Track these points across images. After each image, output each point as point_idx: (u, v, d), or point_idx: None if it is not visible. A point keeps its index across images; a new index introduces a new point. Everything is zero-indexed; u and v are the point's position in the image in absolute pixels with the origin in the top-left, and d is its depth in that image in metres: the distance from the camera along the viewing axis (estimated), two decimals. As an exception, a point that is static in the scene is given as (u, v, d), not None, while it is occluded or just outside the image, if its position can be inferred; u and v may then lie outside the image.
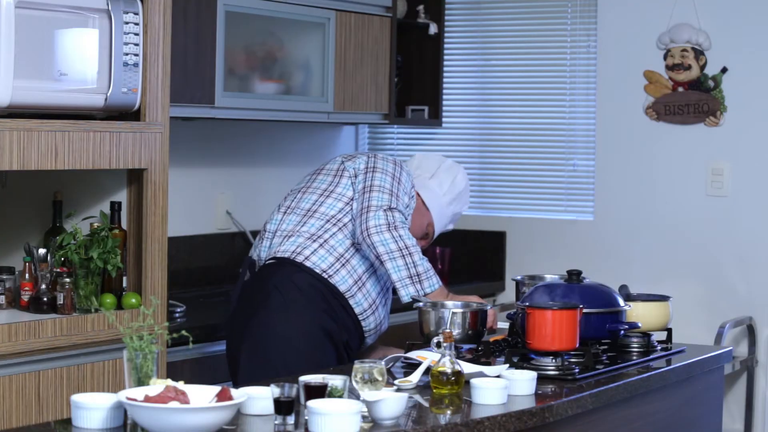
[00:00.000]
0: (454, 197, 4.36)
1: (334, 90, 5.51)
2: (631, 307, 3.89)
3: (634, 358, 3.86)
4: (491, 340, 3.85)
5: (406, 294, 3.89)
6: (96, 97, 4.02)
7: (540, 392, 3.30)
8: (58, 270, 4.06)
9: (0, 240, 4.34)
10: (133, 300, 4.15)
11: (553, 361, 3.52)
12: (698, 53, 5.69)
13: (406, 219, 4.05)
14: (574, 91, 6.03)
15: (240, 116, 5.15)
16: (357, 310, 4.01)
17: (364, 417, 2.87)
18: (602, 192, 5.94)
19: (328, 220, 4.05)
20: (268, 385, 2.95)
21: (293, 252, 4.01)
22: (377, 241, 3.91)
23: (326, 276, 3.98)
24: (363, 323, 4.04)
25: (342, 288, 3.99)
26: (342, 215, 4.06)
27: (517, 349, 3.63)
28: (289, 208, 4.12)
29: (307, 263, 3.99)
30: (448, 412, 3.13)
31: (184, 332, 3.25)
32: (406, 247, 3.90)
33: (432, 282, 3.91)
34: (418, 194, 4.27)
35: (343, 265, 4.00)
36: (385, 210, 3.95)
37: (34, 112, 3.89)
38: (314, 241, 4.02)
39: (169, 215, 4.27)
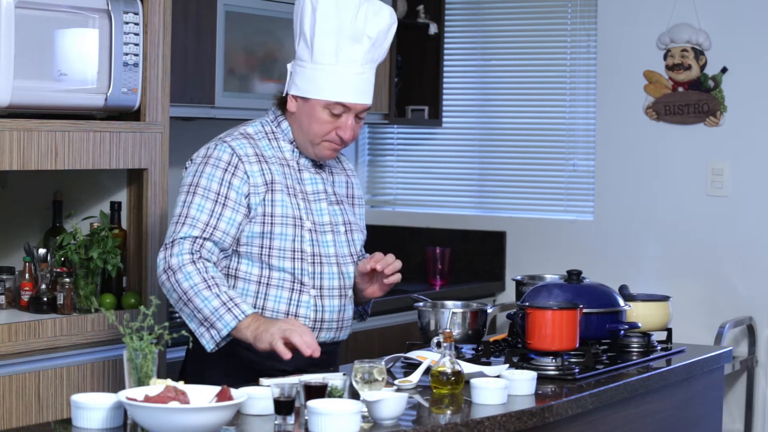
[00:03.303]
0: (318, 44, 3.48)
1: (334, 90, 5.50)
2: (631, 307, 3.89)
3: (634, 358, 3.86)
4: (491, 340, 3.85)
5: (206, 343, 3.35)
6: (96, 97, 4.02)
7: (540, 392, 3.29)
8: (58, 270, 4.06)
9: (0, 240, 4.34)
10: (133, 300, 4.15)
11: (553, 361, 3.52)
12: (698, 53, 5.69)
13: (211, 211, 3.41)
14: (574, 91, 6.03)
15: (240, 116, 5.14)
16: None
17: (364, 417, 2.87)
18: (602, 192, 5.94)
19: None
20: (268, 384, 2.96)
21: None
22: (165, 292, 3.41)
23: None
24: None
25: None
26: None
27: (517, 349, 3.63)
28: None
29: None
30: (448, 412, 3.12)
31: (184, 332, 3.25)
32: (184, 293, 3.33)
33: (226, 320, 3.29)
34: (293, 98, 3.52)
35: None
36: (166, 247, 3.40)
37: (34, 112, 3.89)
38: None
39: (168, 215, 4.27)
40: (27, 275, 4.12)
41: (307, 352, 3.21)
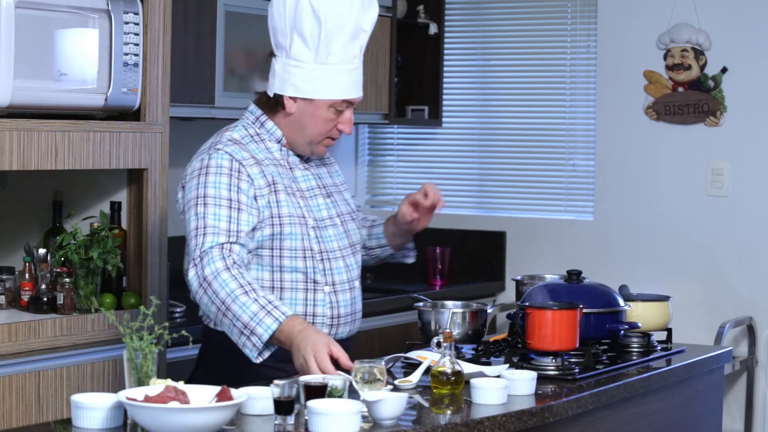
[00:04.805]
0: (324, 46, 3.45)
1: (334, 90, 5.50)
2: (631, 307, 3.89)
3: (634, 358, 3.85)
4: (491, 340, 3.85)
5: (249, 353, 3.27)
6: (96, 97, 4.02)
7: (540, 392, 3.29)
8: (58, 270, 4.06)
9: (0, 240, 4.34)
10: (133, 300, 4.15)
11: (553, 361, 3.51)
12: (698, 53, 5.69)
13: (228, 218, 3.33)
14: (574, 91, 6.03)
15: (240, 116, 5.14)
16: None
17: (364, 417, 2.87)
18: (602, 192, 5.94)
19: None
20: (267, 385, 2.95)
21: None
22: (204, 308, 3.35)
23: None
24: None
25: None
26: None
27: (517, 349, 3.63)
28: None
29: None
30: (448, 412, 3.12)
31: (183, 332, 3.25)
32: (222, 302, 3.26)
33: (266, 323, 3.22)
34: (291, 99, 3.50)
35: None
36: (195, 262, 3.29)
37: (34, 112, 3.89)
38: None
39: (169, 215, 4.27)
40: (27, 275, 4.12)
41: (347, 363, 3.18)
